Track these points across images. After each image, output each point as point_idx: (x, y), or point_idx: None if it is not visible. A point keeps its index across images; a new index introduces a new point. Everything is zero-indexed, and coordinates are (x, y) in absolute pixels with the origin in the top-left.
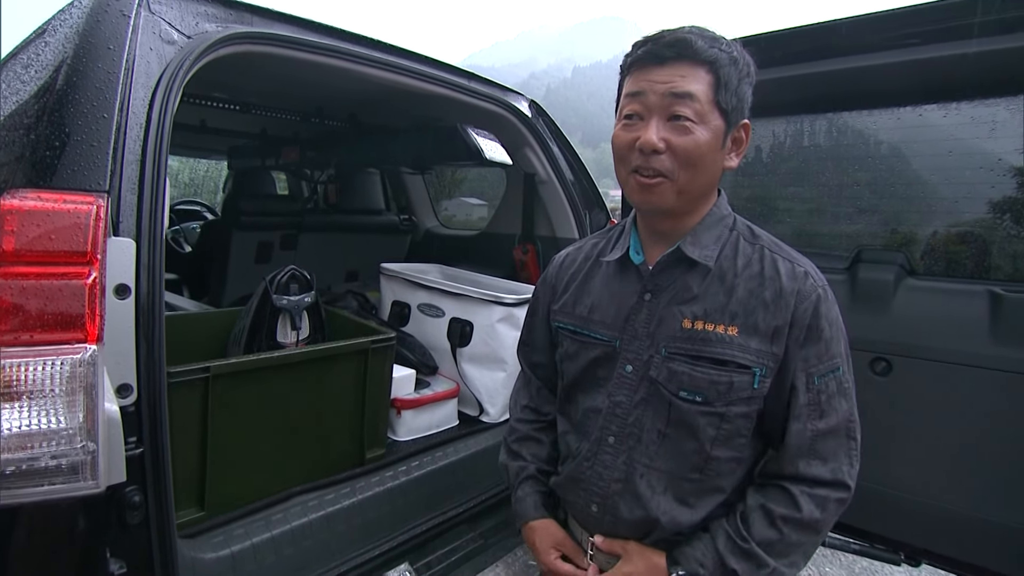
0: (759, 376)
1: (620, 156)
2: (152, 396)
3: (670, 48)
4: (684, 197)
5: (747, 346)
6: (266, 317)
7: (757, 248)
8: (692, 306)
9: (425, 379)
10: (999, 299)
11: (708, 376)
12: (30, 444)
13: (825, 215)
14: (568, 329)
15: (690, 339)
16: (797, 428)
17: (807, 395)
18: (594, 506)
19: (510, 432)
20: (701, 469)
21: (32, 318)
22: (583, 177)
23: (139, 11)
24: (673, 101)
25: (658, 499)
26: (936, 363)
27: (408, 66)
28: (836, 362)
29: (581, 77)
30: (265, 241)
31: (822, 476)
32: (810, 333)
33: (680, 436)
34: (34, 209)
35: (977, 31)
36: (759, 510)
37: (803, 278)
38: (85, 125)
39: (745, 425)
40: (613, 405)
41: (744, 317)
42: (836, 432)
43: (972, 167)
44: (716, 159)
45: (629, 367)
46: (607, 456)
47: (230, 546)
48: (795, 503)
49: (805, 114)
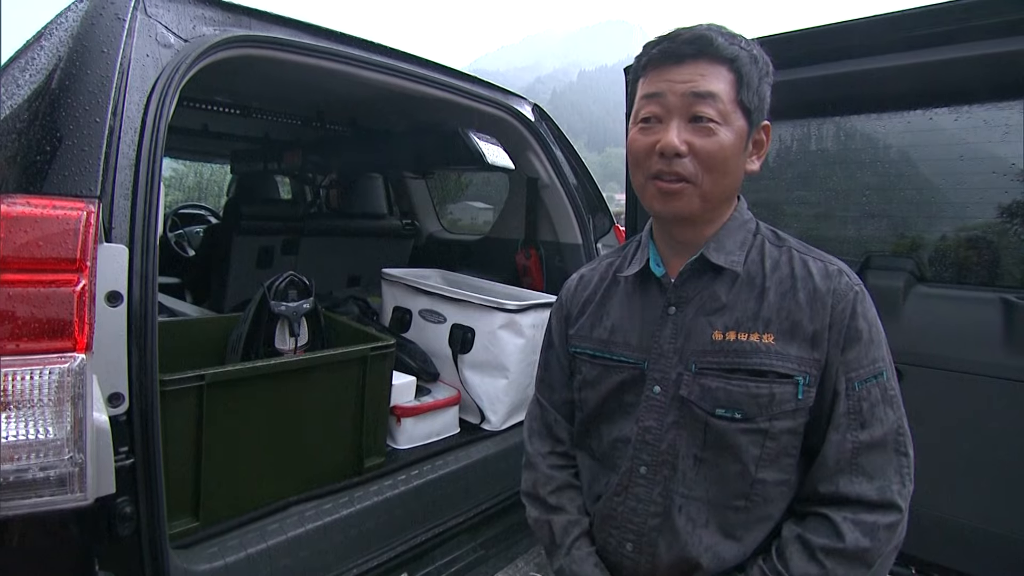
0: (803, 385)
1: (637, 161)
2: (144, 405)
3: (689, 45)
4: (708, 203)
5: (786, 354)
6: (264, 323)
7: (784, 250)
8: (722, 316)
9: (426, 386)
10: (1013, 307)
11: (746, 389)
12: (17, 455)
13: (832, 220)
14: (587, 354)
15: (722, 351)
16: (836, 439)
17: (847, 402)
18: (629, 544)
19: (541, 483)
20: (747, 496)
21: (19, 326)
22: (587, 181)
23: (135, 14)
24: (694, 101)
25: (700, 533)
26: (948, 372)
27: (409, 70)
28: (879, 366)
29: (587, 81)
30: (266, 246)
31: (867, 496)
32: (849, 335)
33: (720, 459)
34: (22, 215)
35: (987, 33)
36: (796, 542)
37: (837, 276)
38: (77, 129)
39: (792, 443)
40: (643, 431)
41: (779, 323)
42: (883, 445)
43: (984, 171)
44: (739, 162)
45: (657, 388)
46: (640, 489)
47: (224, 557)
48: (837, 532)
49: (812, 118)
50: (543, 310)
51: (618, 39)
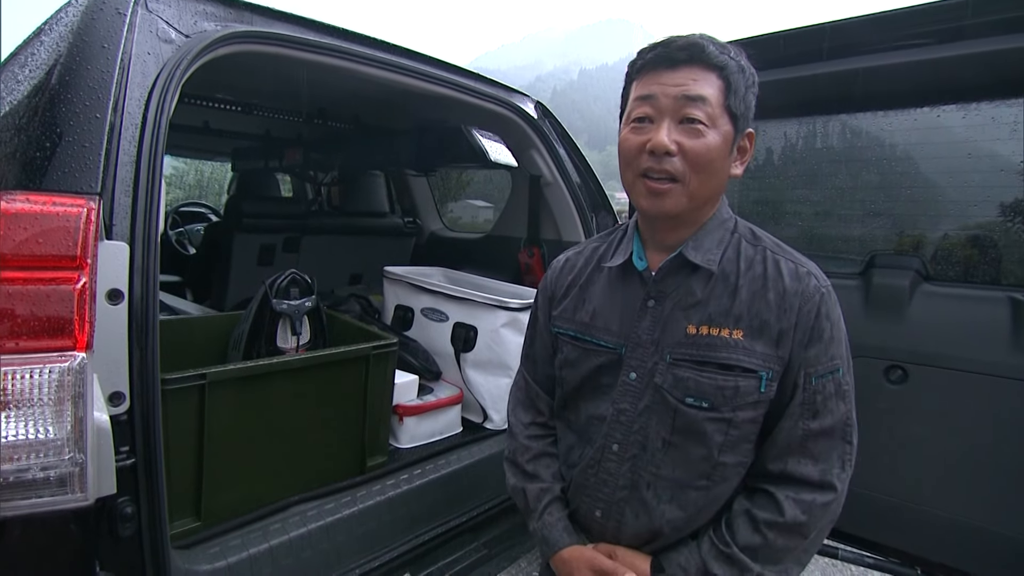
0: (765, 380)
1: (627, 160)
2: (145, 404)
3: (683, 51)
4: (694, 202)
5: (752, 350)
6: (266, 322)
7: (759, 250)
8: (697, 311)
9: (428, 385)
10: (1021, 305)
11: (714, 381)
12: (16, 456)
13: (837, 218)
14: (568, 335)
15: (695, 344)
16: (788, 425)
17: (803, 394)
18: (598, 512)
19: (520, 451)
20: (708, 476)
21: (19, 325)
22: (590, 179)
23: (136, 9)
24: (685, 104)
25: (663, 507)
26: (955, 372)
27: (412, 67)
28: (836, 363)
29: (587, 80)
30: (268, 244)
31: (810, 476)
32: (813, 334)
33: (687, 444)
34: (21, 212)
35: (995, 29)
36: (743, 515)
37: (806, 278)
38: (77, 125)
39: (752, 430)
40: (617, 413)
41: (748, 320)
42: (830, 433)
43: (992, 169)
44: (725, 164)
45: (633, 374)
46: (611, 464)
47: (226, 557)
48: (778, 507)
49: (818, 115)
50: None
51: (619, 38)
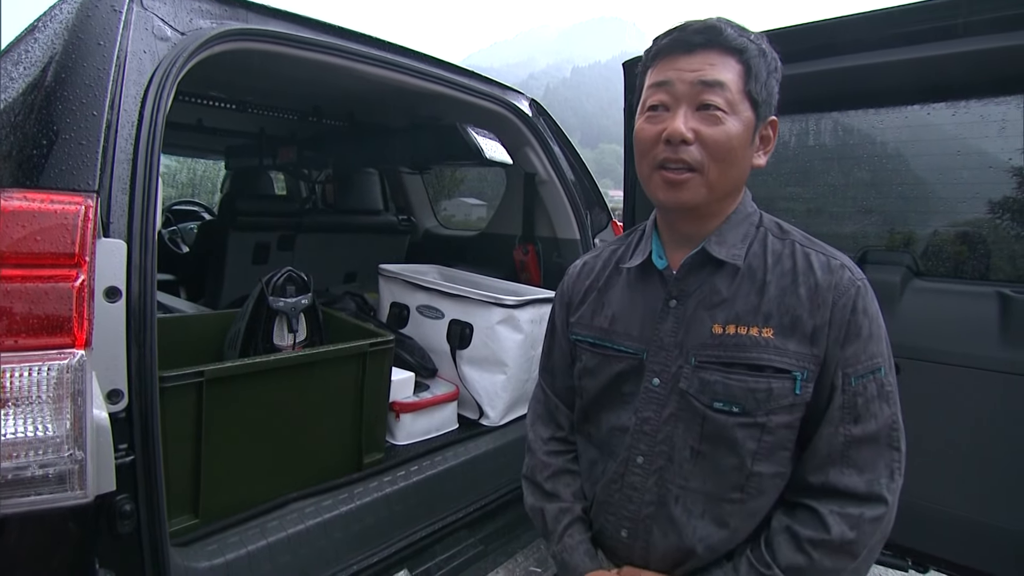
0: (800, 381)
1: (643, 151)
2: (144, 402)
3: (699, 35)
4: (714, 194)
5: (784, 348)
6: (262, 319)
7: (787, 243)
8: (722, 310)
9: (424, 382)
10: (1009, 301)
11: (744, 384)
12: (15, 453)
13: (829, 215)
14: (587, 342)
15: (722, 345)
16: (828, 432)
17: (842, 397)
18: (624, 531)
19: (539, 468)
20: (742, 487)
21: (17, 322)
22: (584, 177)
23: (131, 6)
24: (703, 89)
25: (695, 523)
26: (945, 366)
27: (407, 64)
28: (877, 362)
29: (580, 77)
30: (262, 242)
31: (855, 488)
32: (850, 331)
33: (717, 452)
34: (19, 209)
35: (987, 28)
36: (784, 532)
37: (840, 271)
38: (74, 123)
39: (788, 436)
40: (640, 422)
41: (779, 317)
42: (875, 440)
43: (980, 166)
44: (746, 154)
45: (656, 380)
46: (636, 478)
47: (224, 554)
48: (823, 523)
49: (810, 113)
50: (541, 305)
51: (612, 36)
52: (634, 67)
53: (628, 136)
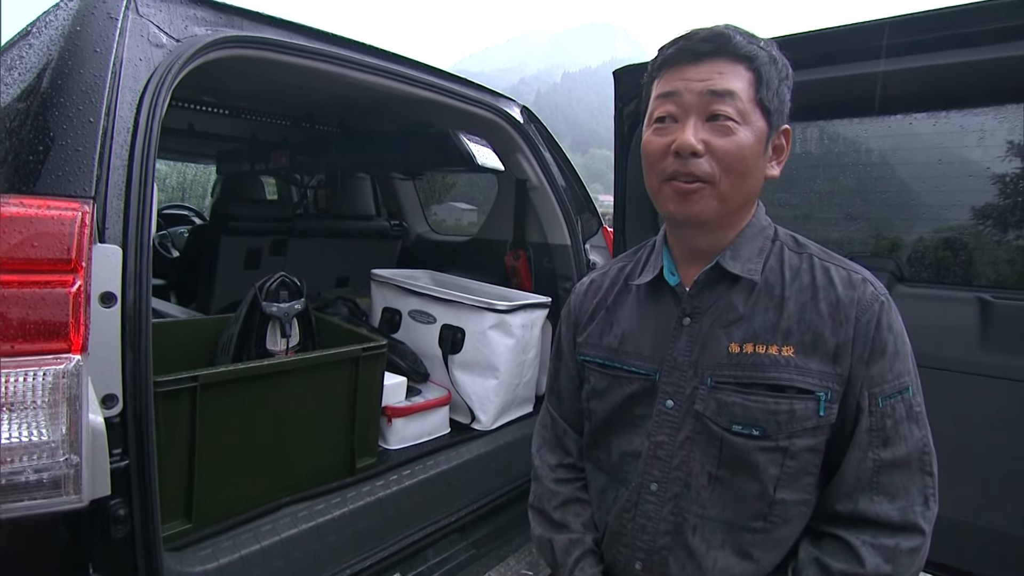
0: (824, 402)
1: (652, 163)
2: (138, 406)
3: (707, 43)
4: (726, 206)
5: (807, 368)
6: (255, 324)
7: (805, 257)
8: (739, 327)
9: (416, 386)
10: (989, 306)
11: (765, 406)
12: (11, 458)
13: (816, 221)
14: (596, 362)
15: (739, 365)
16: (856, 457)
17: (869, 419)
18: (638, 563)
19: (547, 497)
20: (765, 516)
21: (14, 328)
22: (575, 183)
23: (127, 14)
24: (712, 99)
25: (715, 554)
26: (927, 370)
27: (399, 71)
28: (904, 381)
29: (570, 83)
30: (254, 247)
31: (888, 516)
32: (874, 348)
33: (736, 479)
34: (16, 215)
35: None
36: (814, 565)
37: (861, 285)
38: (70, 129)
39: (813, 461)
40: (654, 447)
41: (800, 335)
42: (907, 464)
43: (960, 175)
44: (759, 164)
45: (670, 402)
46: (650, 506)
47: (218, 559)
48: (856, 556)
49: (796, 121)
50: (533, 311)
51: (602, 41)
52: (624, 75)
53: (618, 142)
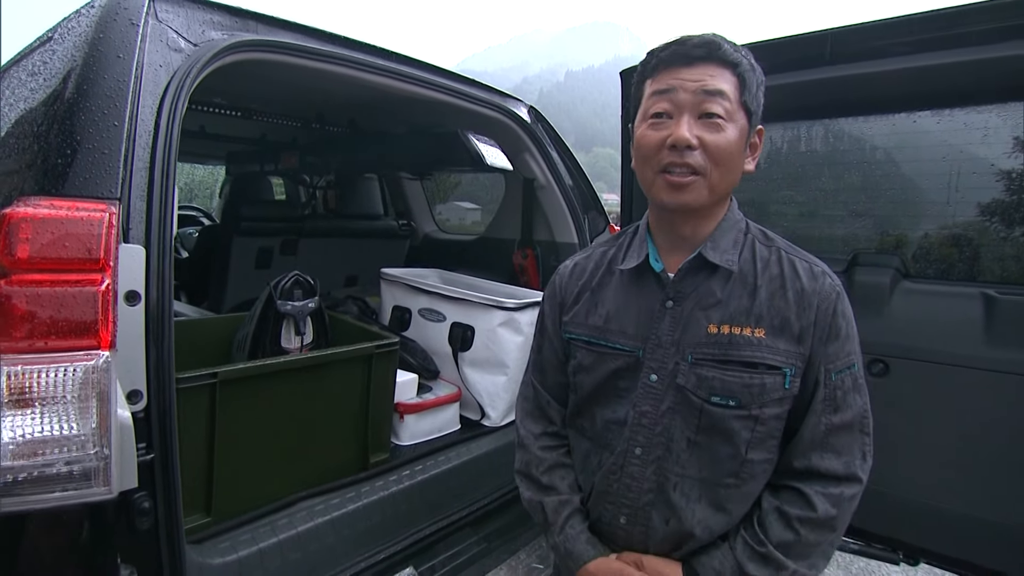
0: (789, 376)
1: (646, 156)
2: (161, 402)
3: (699, 48)
4: (713, 196)
5: (775, 347)
6: (270, 323)
7: (774, 250)
8: (717, 311)
9: (427, 384)
10: (993, 301)
11: (740, 379)
12: (43, 450)
13: (821, 218)
14: (582, 340)
15: (716, 343)
16: (812, 421)
17: (824, 390)
18: (623, 518)
19: (534, 463)
20: (737, 473)
21: (46, 325)
22: (581, 181)
23: (147, 20)
24: (705, 99)
25: (693, 507)
26: (932, 364)
27: (409, 72)
28: (852, 359)
29: (574, 81)
30: (265, 246)
31: (835, 470)
32: (831, 331)
33: (713, 442)
34: (47, 217)
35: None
36: (774, 512)
37: (822, 277)
38: (96, 133)
39: (777, 427)
40: (639, 415)
41: (770, 319)
42: (850, 427)
43: (965, 172)
44: (741, 159)
45: (654, 376)
46: (635, 468)
47: (237, 551)
48: (810, 503)
49: (802, 120)
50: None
51: (605, 40)
52: (631, 76)
53: (625, 142)
